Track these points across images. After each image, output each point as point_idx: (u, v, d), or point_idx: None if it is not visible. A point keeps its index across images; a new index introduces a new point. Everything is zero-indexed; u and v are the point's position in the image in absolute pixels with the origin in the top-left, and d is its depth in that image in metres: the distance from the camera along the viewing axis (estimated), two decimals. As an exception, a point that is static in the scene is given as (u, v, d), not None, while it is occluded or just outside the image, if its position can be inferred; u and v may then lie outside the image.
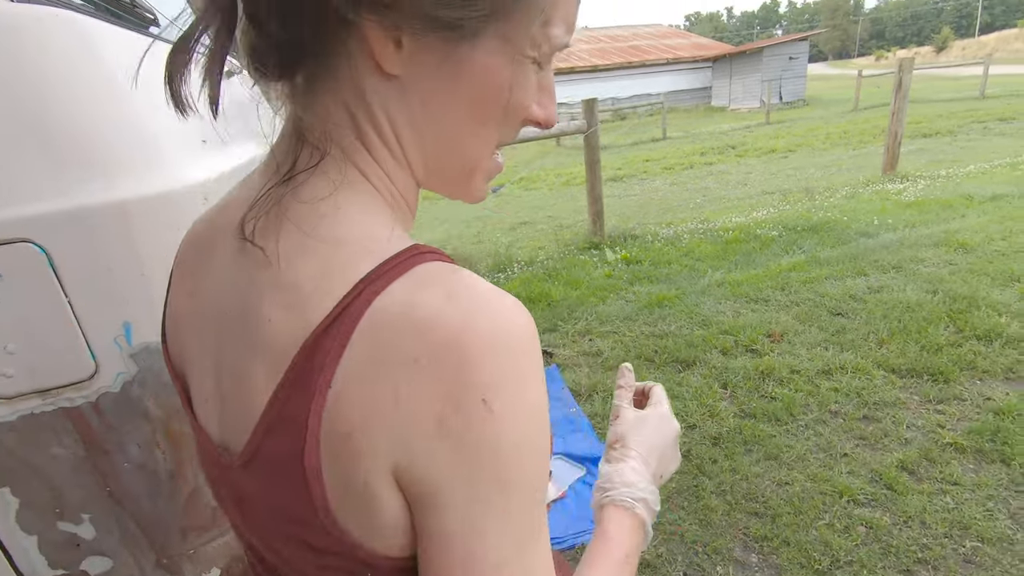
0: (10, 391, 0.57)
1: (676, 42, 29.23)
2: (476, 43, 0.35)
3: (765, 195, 6.45)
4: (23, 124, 0.53)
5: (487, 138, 0.40)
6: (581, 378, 2.67)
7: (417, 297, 0.31)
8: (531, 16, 0.35)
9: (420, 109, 0.37)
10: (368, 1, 0.32)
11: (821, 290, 3.35)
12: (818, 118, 14.94)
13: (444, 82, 0.36)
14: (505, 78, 0.37)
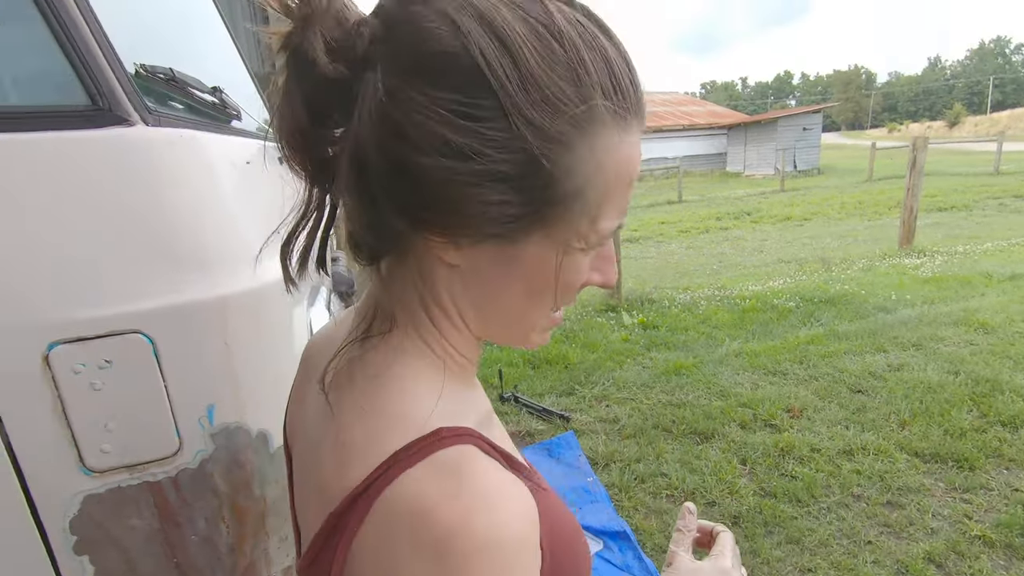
0: (103, 465, 0.63)
1: (692, 109, 30.23)
2: (525, 243, 0.39)
3: (781, 263, 6.51)
4: (143, 231, 0.61)
5: (542, 310, 0.44)
6: (598, 445, 2.66)
7: (426, 487, 0.34)
8: (576, 220, 0.39)
9: (479, 291, 0.42)
10: (427, 226, 0.38)
11: (840, 365, 3.34)
12: (833, 187, 15.17)
13: (499, 270, 0.41)
14: (553, 267, 0.40)
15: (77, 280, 0.59)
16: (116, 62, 0.60)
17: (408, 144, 0.35)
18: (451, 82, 0.34)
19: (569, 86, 0.35)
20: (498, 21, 0.35)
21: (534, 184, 0.36)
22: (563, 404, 3.11)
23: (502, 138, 0.35)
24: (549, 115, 0.35)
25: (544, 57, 0.35)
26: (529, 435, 2.84)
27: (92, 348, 0.60)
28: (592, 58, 0.36)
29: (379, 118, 0.36)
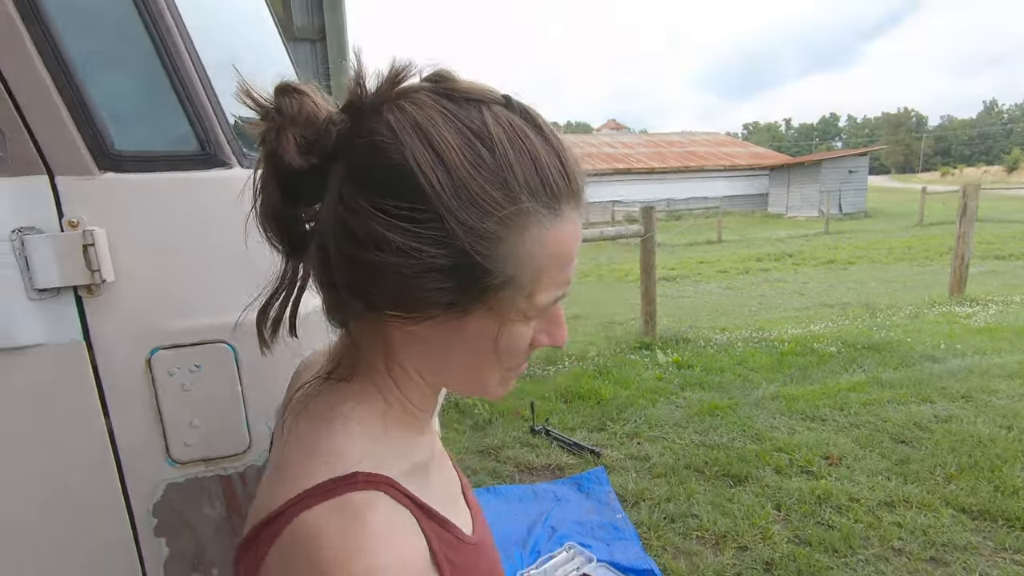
0: (185, 457, 0.72)
1: (733, 150, 30.12)
2: (468, 318, 0.44)
3: (823, 307, 6.36)
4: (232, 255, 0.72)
5: (491, 371, 0.49)
6: (628, 483, 2.65)
7: (325, 524, 0.38)
8: (512, 299, 0.44)
9: (434, 354, 0.48)
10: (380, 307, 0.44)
11: (883, 414, 3.24)
12: (880, 231, 14.76)
13: (448, 339, 0.46)
14: (495, 335, 0.45)
15: (178, 295, 0.69)
16: (222, 116, 0.72)
17: (358, 243, 0.41)
18: (393, 190, 0.40)
19: (496, 190, 0.40)
20: (433, 132, 0.40)
21: (468, 274, 0.41)
22: (594, 439, 3.12)
23: (438, 237, 0.40)
24: (478, 216, 0.40)
25: (473, 164, 0.40)
26: (559, 468, 2.85)
27: (185, 354, 0.70)
28: (520, 160, 0.41)
29: (336, 218, 0.42)
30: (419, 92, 0.42)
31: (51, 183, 0.63)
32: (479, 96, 0.43)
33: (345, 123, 0.42)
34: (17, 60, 0.61)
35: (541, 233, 0.42)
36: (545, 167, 0.42)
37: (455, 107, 0.42)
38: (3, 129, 0.61)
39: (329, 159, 0.42)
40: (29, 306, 0.63)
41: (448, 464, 0.65)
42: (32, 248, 0.62)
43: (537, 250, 0.43)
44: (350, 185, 0.41)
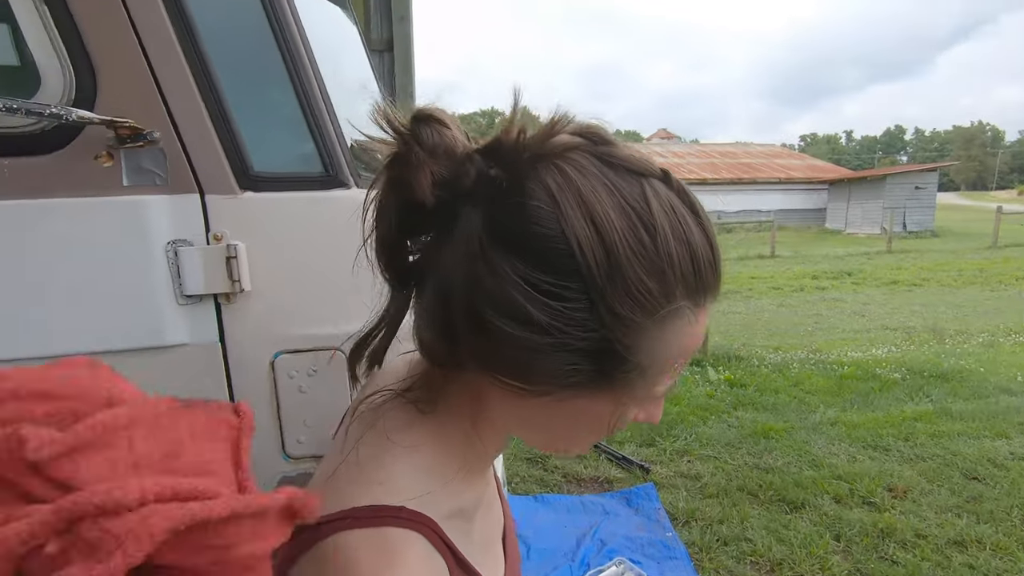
0: (298, 453, 0.78)
1: (790, 162, 29.19)
2: (581, 399, 0.41)
3: (886, 330, 6.08)
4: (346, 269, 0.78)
5: (583, 441, 0.47)
6: (679, 501, 2.62)
7: (360, 551, 0.38)
8: (635, 388, 0.41)
9: (528, 418, 0.45)
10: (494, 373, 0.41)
11: (953, 447, 3.08)
12: (949, 251, 13.97)
13: (553, 412, 0.43)
14: (605, 416, 0.43)
15: (301, 304, 0.76)
16: (343, 139, 0.79)
17: (494, 307, 0.38)
18: (545, 263, 0.37)
19: (654, 282, 0.37)
20: (597, 208, 0.37)
21: (602, 360, 0.39)
22: (643, 455, 3.09)
23: (581, 319, 0.37)
24: (630, 306, 0.37)
25: (635, 251, 0.37)
26: (607, 482, 2.84)
27: (304, 359, 0.76)
28: (679, 252, 0.38)
29: (472, 274, 0.39)
30: (577, 152, 0.39)
31: (201, 201, 0.71)
32: (640, 168, 0.40)
33: (488, 167, 0.40)
34: (180, 93, 0.69)
35: (682, 328, 0.40)
36: (700, 260, 0.39)
37: (617, 178, 0.39)
38: (166, 152, 0.69)
39: (462, 200, 0.40)
40: (178, 310, 0.71)
41: (496, 505, 0.63)
42: (184, 258, 0.69)
43: (674, 344, 0.41)
44: (493, 243, 0.38)
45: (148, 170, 0.69)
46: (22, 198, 0.65)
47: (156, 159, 0.69)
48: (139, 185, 0.68)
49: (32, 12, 0.64)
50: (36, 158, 0.66)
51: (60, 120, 0.60)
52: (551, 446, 0.50)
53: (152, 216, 0.68)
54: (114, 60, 0.67)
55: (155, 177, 0.69)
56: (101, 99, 0.67)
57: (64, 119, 0.60)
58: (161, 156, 0.69)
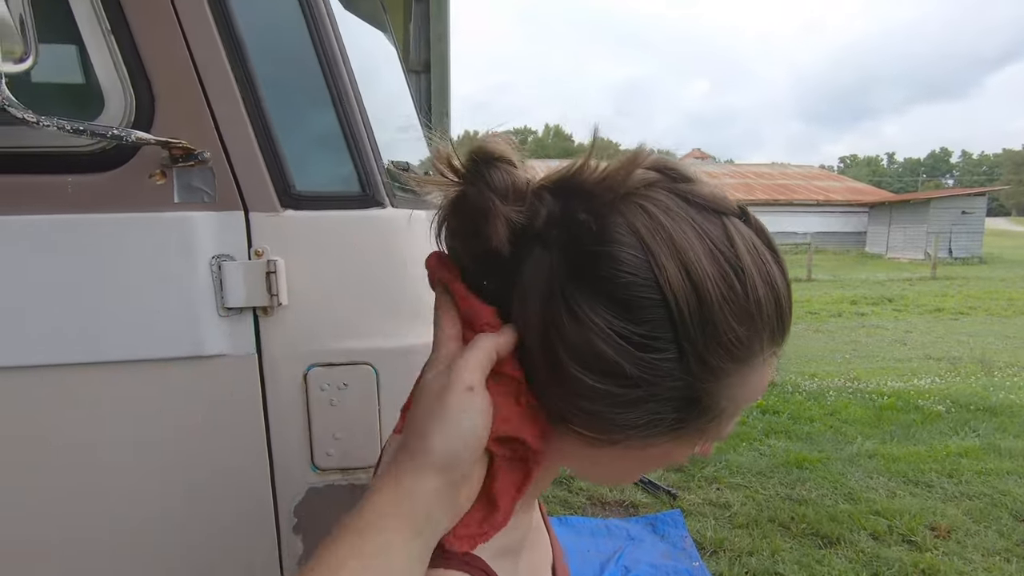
0: (326, 465, 0.80)
1: (828, 184, 28.55)
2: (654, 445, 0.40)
3: (929, 360, 5.84)
4: (382, 286, 0.80)
5: (640, 473, 0.47)
6: (706, 530, 2.55)
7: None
8: (708, 431, 0.40)
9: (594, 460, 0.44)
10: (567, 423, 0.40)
11: (1001, 487, 2.92)
12: (998, 279, 13.38)
13: (621, 454, 0.41)
14: (673, 457, 0.43)
15: (335, 319, 0.78)
16: (380, 160, 0.81)
17: (578, 359, 0.36)
18: (635, 313, 0.35)
19: (743, 329, 0.36)
20: (690, 256, 0.35)
21: (687, 409, 0.37)
22: (670, 480, 3.03)
23: (669, 368, 0.36)
24: (718, 355, 0.36)
25: (726, 299, 0.35)
26: (633, 506, 2.79)
27: (336, 373, 0.78)
28: (766, 296, 0.36)
29: (551, 323, 0.37)
30: (658, 191, 0.37)
31: (245, 217, 0.74)
32: (721, 207, 0.38)
33: (562, 207, 0.38)
34: (230, 116, 0.72)
35: (761, 371, 0.39)
36: (783, 302, 0.38)
37: (701, 219, 0.37)
38: (215, 171, 0.72)
39: (531, 241, 0.38)
40: (219, 321, 0.74)
41: (543, 537, 0.61)
42: (227, 272, 0.73)
43: (751, 387, 0.39)
44: (575, 290, 0.36)
45: (198, 188, 0.72)
46: (83, 212, 0.70)
47: (205, 178, 0.72)
48: (189, 202, 0.72)
49: (100, 39, 0.69)
50: (97, 175, 0.71)
51: (121, 141, 0.64)
52: (608, 481, 0.51)
53: (199, 231, 0.72)
54: (171, 85, 0.71)
55: (204, 195, 0.72)
56: (158, 121, 0.71)
57: (125, 140, 0.64)
58: (210, 175, 0.72)
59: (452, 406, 0.37)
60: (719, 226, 0.37)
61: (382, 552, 0.34)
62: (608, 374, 0.36)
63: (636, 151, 0.38)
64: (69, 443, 0.74)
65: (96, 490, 0.76)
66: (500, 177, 0.37)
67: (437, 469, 0.36)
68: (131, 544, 0.78)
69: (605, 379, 0.36)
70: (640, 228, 0.35)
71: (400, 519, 0.35)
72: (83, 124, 0.60)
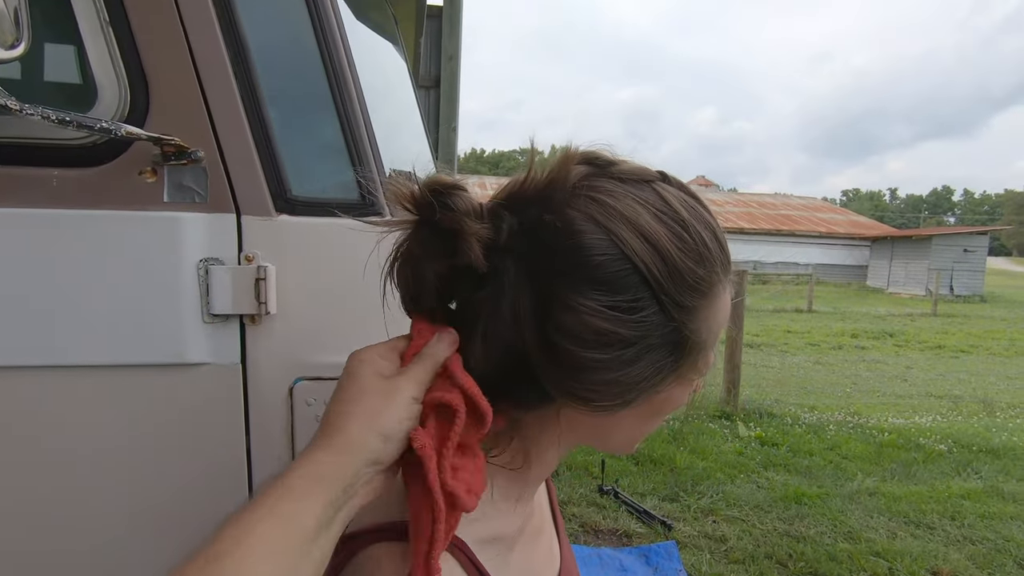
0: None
1: (830, 216, 28.67)
2: (659, 392, 0.45)
3: (931, 398, 5.77)
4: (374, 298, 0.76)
5: (648, 430, 0.51)
6: (702, 564, 2.47)
7: (383, 562, 0.42)
8: (699, 363, 0.46)
9: (605, 428, 0.48)
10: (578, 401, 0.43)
11: (1005, 532, 2.84)
12: (999, 318, 13.33)
13: (629, 413, 0.46)
14: (679, 397, 0.48)
15: (325, 331, 0.74)
16: (381, 168, 0.79)
17: (580, 343, 0.40)
18: (617, 285, 0.40)
19: (701, 268, 0.42)
20: (642, 224, 0.41)
21: (678, 349, 0.43)
22: (665, 510, 2.95)
23: (657, 320, 0.41)
24: (689, 295, 0.42)
25: (681, 248, 0.41)
26: (626, 536, 2.71)
27: (325, 387, 0.74)
28: (707, 236, 0.43)
29: (547, 319, 0.41)
30: (598, 180, 0.43)
31: (237, 221, 0.71)
32: (645, 176, 0.44)
33: (517, 219, 0.42)
34: (227, 115, 0.70)
35: (723, 298, 0.46)
36: (720, 237, 0.45)
37: (637, 191, 0.43)
38: (208, 171, 0.69)
39: (500, 254, 0.42)
40: (203, 328, 0.70)
41: (551, 544, 0.62)
42: (214, 277, 0.69)
43: (720, 313, 0.46)
44: (559, 284, 0.41)
45: (189, 187, 0.69)
46: (66, 207, 0.66)
47: (198, 177, 0.70)
48: (179, 202, 0.69)
49: (97, 31, 0.67)
50: (84, 170, 0.68)
51: (109, 134, 0.61)
52: (619, 447, 0.52)
53: (187, 233, 0.69)
54: (168, 81, 0.68)
55: (195, 195, 0.69)
56: (152, 117, 0.68)
57: (113, 134, 0.61)
58: (203, 175, 0.70)
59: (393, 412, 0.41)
60: (652, 192, 0.43)
61: (296, 515, 0.35)
62: (610, 344, 0.41)
63: (564, 151, 0.44)
64: (41, 449, 0.70)
65: (67, 499, 0.71)
66: (461, 202, 0.41)
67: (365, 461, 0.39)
68: (103, 556, 0.73)
69: (608, 349, 0.41)
70: (596, 215, 0.41)
71: (321, 486, 0.37)
72: (69, 115, 0.57)
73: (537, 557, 0.58)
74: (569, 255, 0.40)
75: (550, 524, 0.65)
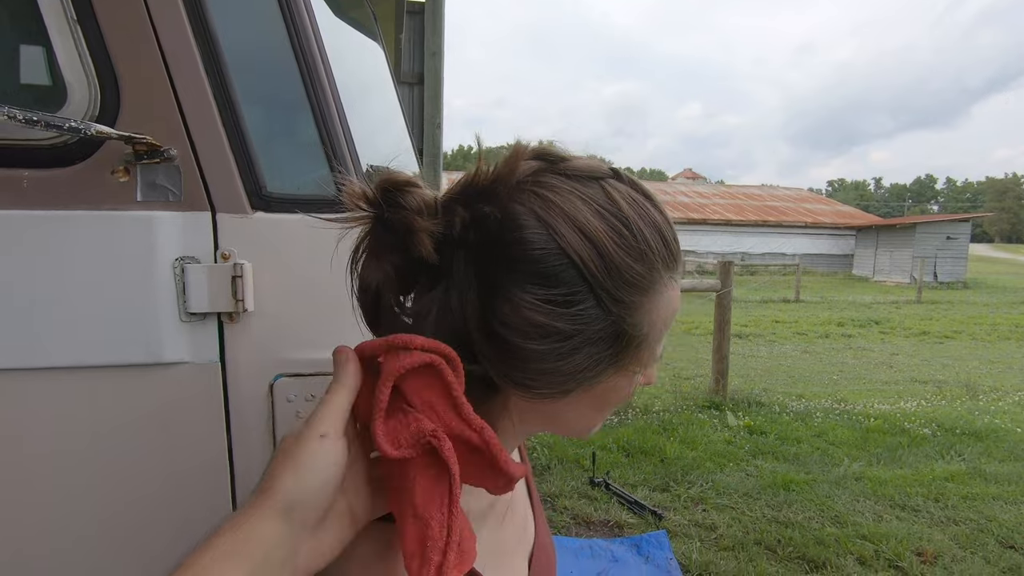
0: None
1: (816, 207, 28.94)
2: (600, 382, 0.46)
3: (915, 383, 5.86)
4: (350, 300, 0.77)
5: (600, 418, 0.52)
6: (692, 552, 2.50)
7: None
8: (641, 356, 0.47)
9: (551, 415, 0.50)
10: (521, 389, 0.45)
11: (987, 512, 2.90)
12: (982, 304, 13.55)
13: (573, 402, 0.48)
14: (618, 390, 0.49)
15: (304, 327, 0.74)
16: (358, 164, 0.79)
17: (520, 334, 0.42)
18: (554, 279, 0.42)
19: (640, 265, 0.43)
20: (581, 220, 0.42)
21: (617, 342, 0.44)
22: (656, 500, 2.98)
23: (594, 314, 0.43)
24: (628, 291, 0.43)
25: (620, 245, 0.42)
26: (618, 526, 2.74)
27: (305, 383, 0.74)
28: (651, 235, 0.44)
29: (488, 311, 0.43)
30: (543, 175, 0.44)
31: (212, 219, 0.70)
32: (596, 173, 0.45)
33: (468, 212, 0.43)
34: (200, 112, 0.69)
35: (666, 294, 0.47)
36: (667, 236, 0.46)
37: (582, 187, 0.44)
38: (181, 169, 0.69)
39: (451, 247, 0.43)
40: (180, 327, 0.70)
41: (520, 521, 0.62)
42: (190, 275, 0.69)
43: (663, 309, 0.47)
44: (502, 276, 0.42)
45: (162, 186, 0.69)
46: (39, 209, 0.66)
47: (171, 176, 0.69)
48: (152, 201, 0.69)
49: (65, 30, 0.66)
50: (55, 171, 0.67)
51: (79, 134, 0.61)
52: (572, 432, 0.54)
53: (162, 232, 0.68)
54: (138, 79, 0.68)
55: (168, 193, 0.69)
56: (123, 116, 0.68)
57: (83, 133, 0.61)
58: (176, 173, 0.69)
59: (303, 452, 0.38)
60: (599, 189, 0.44)
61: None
62: (547, 336, 0.42)
63: (515, 146, 0.45)
64: (15, 452, 0.69)
65: (44, 502, 0.71)
66: (412, 199, 0.43)
67: (280, 511, 0.36)
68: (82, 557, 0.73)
69: (546, 341, 0.43)
70: (536, 209, 0.42)
71: (237, 560, 0.35)
72: (37, 114, 0.57)
73: (509, 534, 0.59)
74: (509, 248, 0.42)
75: (524, 501, 0.65)
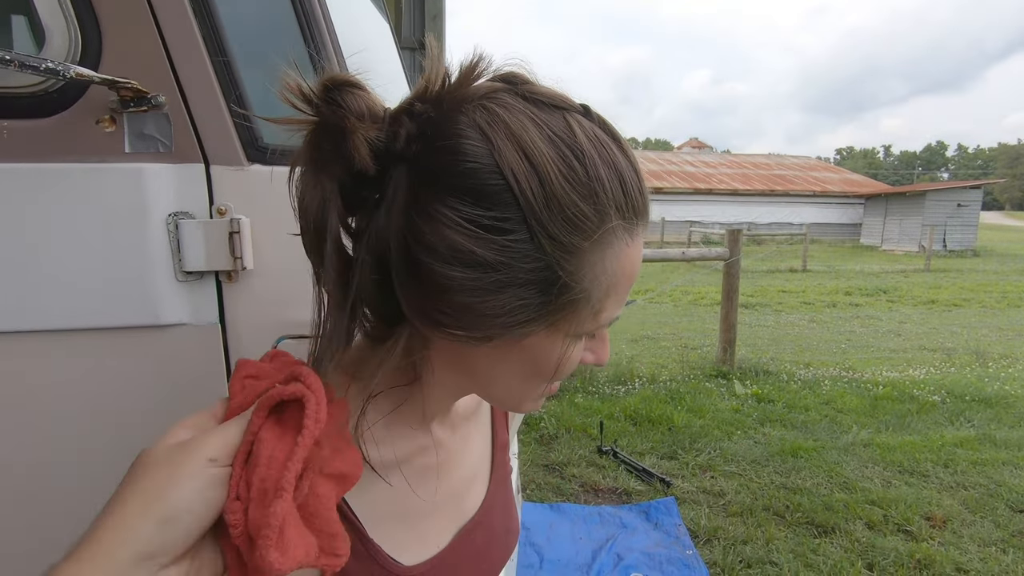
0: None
1: (824, 175, 28.48)
2: (531, 337, 0.42)
3: (924, 351, 5.83)
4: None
5: (534, 388, 0.47)
6: (700, 518, 2.51)
7: None
8: (581, 316, 0.41)
9: (480, 373, 0.46)
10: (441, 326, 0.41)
11: (997, 477, 2.90)
12: (992, 272, 13.41)
13: (501, 357, 0.44)
14: (553, 354, 0.43)
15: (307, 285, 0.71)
16: (359, 114, 0.74)
17: (435, 256, 0.38)
18: (482, 198, 0.37)
19: (587, 205, 0.38)
20: (527, 141, 0.37)
21: (549, 289, 0.39)
22: (664, 467, 2.99)
23: (524, 250, 0.38)
24: (568, 231, 0.38)
25: (567, 177, 0.37)
26: (626, 494, 2.75)
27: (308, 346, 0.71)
28: (608, 175, 0.39)
29: (408, 227, 0.38)
30: (501, 93, 0.39)
31: (206, 171, 0.66)
32: (561, 102, 0.40)
33: (413, 128, 0.39)
34: (189, 56, 0.64)
35: (620, 250, 0.41)
36: (628, 183, 0.40)
37: (540, 112, 0.39)
38: (172, 119, 0.65)
39: (394, 162, 0.39)
40: (176, 287, 0.66)
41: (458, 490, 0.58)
42: (184, 232, 0.65)
43: (614, 267, 0.41)
44: (427, 189, 0.38)
45: (152, 137, 0.64)
46: (20, 161, 0.62)
47: (161, 125, 0.65)
48: (141, 152, 0.64)
49: (38, -35, 0.61)
50: (37, 120, 0.63)
51: (57, 76, 0.56)
52: (501, 398, 0.50)
53: (153, 186, 0.64)
54: (121, 18, 0.63)
55: (159, 144, 0.65)
56: (106, 59, 0.63)
57: (62, 75, 0.56)
58: (166, 122, 0.65)
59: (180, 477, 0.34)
60: (559, 118, 0.39)
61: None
62: (467, 264, 0.38)
63: (477, 59, 0.39)
64: (10, 419, 0.67)
65: (41, 472, 0.68)
66: (354, 100, 0.38)
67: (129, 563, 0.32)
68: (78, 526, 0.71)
69: (465, 269, 0.38)
70: (480, 122, 0.37)
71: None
72: (10, 53, 0.52)
73: (429, 497, 0.54)
74: (439, 156, 0.38)
75: (478, 474, 0.62)
